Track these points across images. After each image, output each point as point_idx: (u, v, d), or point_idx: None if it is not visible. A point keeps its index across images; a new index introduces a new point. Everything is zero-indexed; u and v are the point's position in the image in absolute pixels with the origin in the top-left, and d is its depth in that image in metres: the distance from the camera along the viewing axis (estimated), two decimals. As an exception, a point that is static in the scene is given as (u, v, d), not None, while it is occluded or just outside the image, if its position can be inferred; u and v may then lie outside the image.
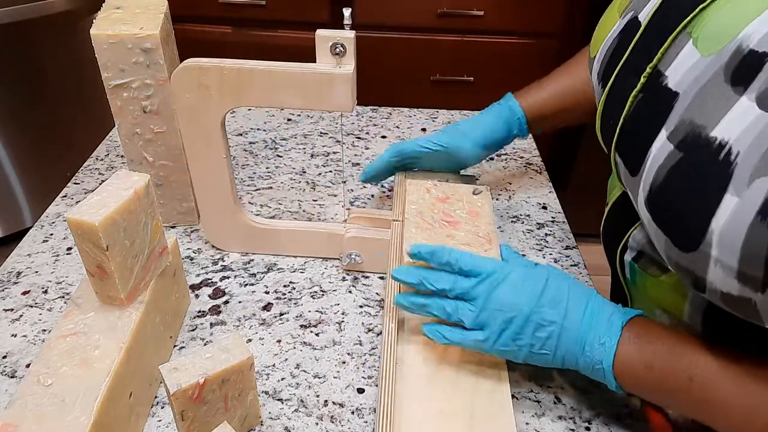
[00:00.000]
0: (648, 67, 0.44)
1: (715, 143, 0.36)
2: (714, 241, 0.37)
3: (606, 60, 0.51)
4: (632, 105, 0.45)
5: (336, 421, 0.54)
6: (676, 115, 0.40)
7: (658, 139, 0.41)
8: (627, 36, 0.48)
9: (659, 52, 0.43)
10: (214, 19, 1.58)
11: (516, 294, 0.50)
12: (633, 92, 0.45)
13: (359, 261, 0.68)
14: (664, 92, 0.42)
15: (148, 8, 0.65)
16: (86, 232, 0.45)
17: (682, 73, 0.41)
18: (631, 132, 0.46)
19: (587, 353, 0.48)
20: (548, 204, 0.84)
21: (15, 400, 0.43)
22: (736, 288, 0.37)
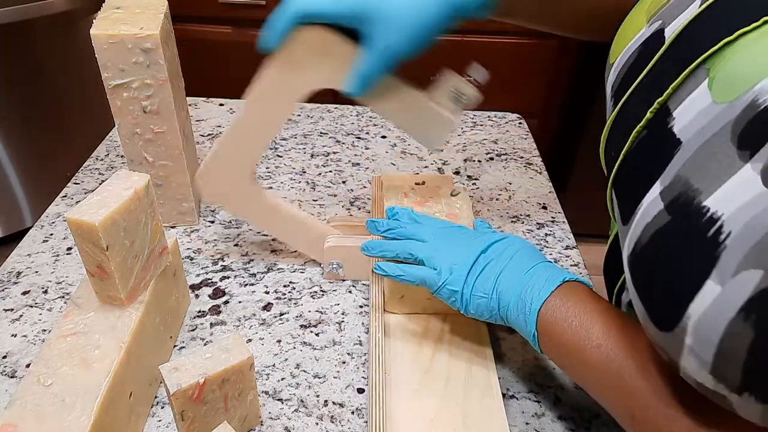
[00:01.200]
0: (656, 102, 0.39)
1: (706, 215, 0.31)
2: (690, 329, 0.32)
3: (623, 73, 0.45)
4: (634, 141, 0.41)
5: (336, 421, 0.54)
6: (673, 168, 0.35)
7: (651, 192, 0.36)
8: (648, 50, 0.43)
9: (671, 86, 0.37)
10: (214, 19, 1.58)
11: (466, 245, 0.52)
12: (637, 127, 0.40)
13: (341, 272, 0.68)
14: (668, 137, 0.37)
15: (148, 8, 0.65)
16: (86, 232, 0.45)
17: (689, 119, 0.35)
18: (629, 173, 0.41)
19: (521, 300, 0.48)
20: (548, 204, 0.84)
21: (15, 400, 0.43)
22: (710, 382, 0.33)
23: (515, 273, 0.50)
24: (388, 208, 0.60)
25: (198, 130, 0.98)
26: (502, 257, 0.51)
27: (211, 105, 1.06)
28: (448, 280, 0.51)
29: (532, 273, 0.49)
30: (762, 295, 0.29)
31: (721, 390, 0.33)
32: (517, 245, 0.53)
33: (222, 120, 1.01)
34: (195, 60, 1.50)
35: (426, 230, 0.56)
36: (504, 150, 0.95)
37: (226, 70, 1.65)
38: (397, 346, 0.56)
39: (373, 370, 0.52)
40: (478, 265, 0.51)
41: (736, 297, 0.30)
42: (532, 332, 0.48)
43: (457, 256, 0.52)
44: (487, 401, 0.51)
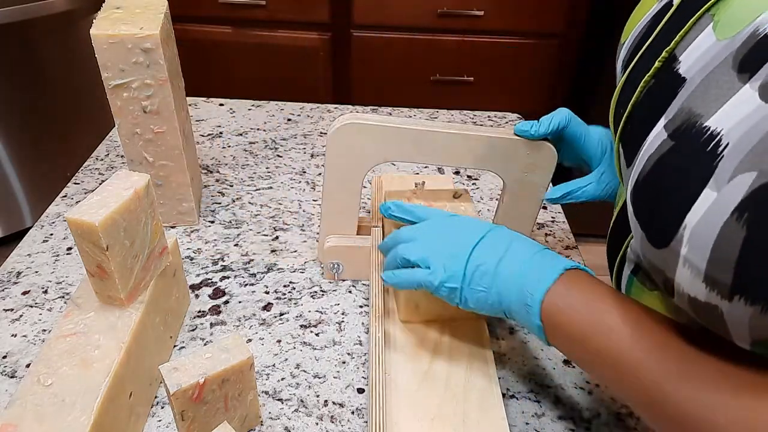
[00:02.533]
0: (665, 51, 0.41)
1: (707, 133, 0.34)
2: (685, 238, 0.34)
3: (633, 45, 0.48)
4: (642, 92, 0.43)
5: (336, 421, 0.54)
6: (677, 102, 0.37)
7: (656, 128, 0.38)
8: (658, 20, 0.45)
9: (678, 35, 0.40)
10: (214, 19, 1.58)
11: (459, 235, 0.51)
12: (645, 77, 0.42)
13: (341, 271, 0.68)
14: (673, 78, 0.39)
15: (148, 8, 0.65)
16: (86, 232, 0.45)
17: (694, 58, 0.38)
18: (636, 120, 0.43)
19: (522, 291, 0.46)
20: (548, 204, 0.84)
21: (15, 400, 0.43)
22: (703, 293, 0.34)
23: (514, 263, 0.48)
24: (381, 206, 0.59)
25: (198, 130, 0.98)
26: (499, 247, 0.50)
27: (211, 105, 1.06)
28: (443, 278, 0.49)
29: (532, 262, 0.48)
30: (755, 195, 0.30)
31: (713, 299, 0.34)
32: (512, 233, 0.52)
33: (222, 120, 1.01)
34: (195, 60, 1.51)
35: (418, 228, 0.55)
36: (504, 150, 0.95)
37: (226, 70, 1.66)
38: (397, 346, 0.56)
39: (373, 370, 0.52)
40: (474, 259, 0.49)
41: (731, 199, 0.31)
42: (536, 324, 0.46)
43: (451, 251, 0.51)
44: (487, 401, 0.51)
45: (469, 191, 0.67)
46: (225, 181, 0.85)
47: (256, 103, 1.06)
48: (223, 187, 0.84)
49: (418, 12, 1.53)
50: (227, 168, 0.88)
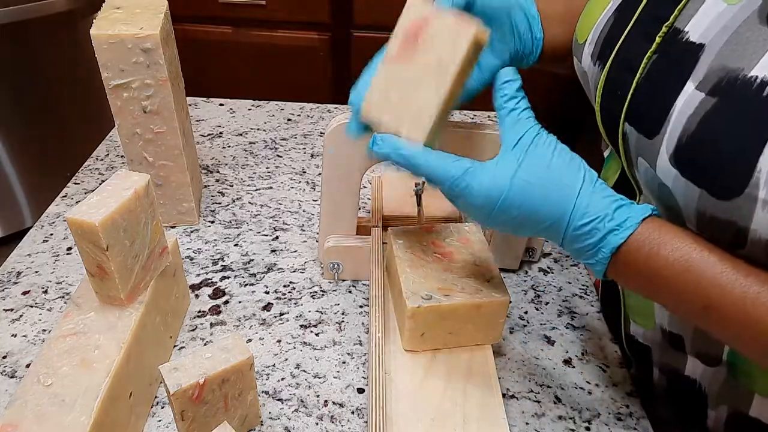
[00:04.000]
0: (664, 26, 0.42)
1: (755, 82, 0.35)
2: (762, 181, 0.34)
3: (603, 37, 0.49)
4: (646, 67, 0.44)
5: (336, 421, 0.54)
6: (704, 65, 0.39)
7: (684, 92, 0.39)
8: (626, 10, 0.47)
9: (676, 9, 0.42)
10: (214, 19, 1.58)
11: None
12: (647, 55, 0.43)
13: (341, 270, 0.68)
14: (686, 47, 0.40)
15: (148, 8, 0.65)
16: (86, 232, 0.45)
17: (706, 26, 0.39)
18: (647, 94, 0.43)
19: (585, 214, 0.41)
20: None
21: (15, 400, 0.43)
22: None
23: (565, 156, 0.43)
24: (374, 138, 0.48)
25: (198, 130, 0.98)
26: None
27: (211, 105, 1.06)
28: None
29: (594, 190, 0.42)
30: None
31: None
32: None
33: (222, 120, 1.01)
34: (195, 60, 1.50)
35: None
36: (504, 150, 0.95)
37: (226, 70, 1.66)
38: (397, 346, 0.56)
39: (373, 370, 0.52)
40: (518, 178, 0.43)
41: None
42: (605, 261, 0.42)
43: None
44: (487, 401, 0.51)
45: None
46: (225, 181, 0.85)
47: (256, 103, 1.06)
48: (223, 187, 0.84)
49: (418, 12, 1.53)
50: (227, 168, 0.88)
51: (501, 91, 0.46)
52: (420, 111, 0.45)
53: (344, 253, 0.66)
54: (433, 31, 0.44)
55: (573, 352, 0.62)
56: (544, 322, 0.65)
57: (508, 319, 0.65)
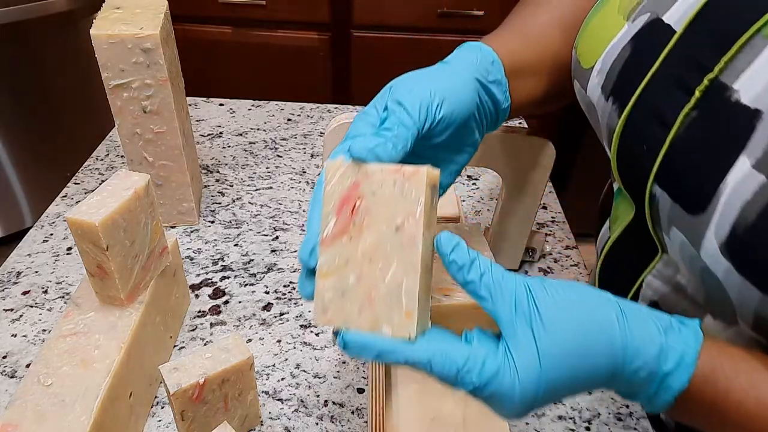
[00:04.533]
0: (705, 78, 0.36)
1: None
2: None
3: (617, 70, 0.43)
4: (682, 125, 0.37)
5: (336, 421, 0.54)
6: (762, 137, 0.33)
7: (738, 169, 0.33)
8: (648, 42, 0.41)
9: (721, 61, 0.35)
10: (214, 19, 1.58)
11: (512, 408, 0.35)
12: (684, 110, 0.37)
13: None
14: (737, 110, 0.34)
15: (148, 8, 0.65)
16: (86, 232, 0.45)
17: (762, 87, 0.33)
18: (686, 159, 0.37)
19: (635, 357, 0.33)
20: (548, 204, 0.84)
21: (15, 400, 0.43)
22: None
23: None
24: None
25: (198, 130, 0.98)
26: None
27: (211, 105, 1.06)
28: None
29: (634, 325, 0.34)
30: None
31: None
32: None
33: (222, 120, 1.01)
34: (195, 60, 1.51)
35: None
36: (504, 150, 0.95)
37: (226, 70, 1.65)
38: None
39: (373, 370, 0.52)
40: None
41: None
42: (668, 403, 0.34)
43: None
44: None
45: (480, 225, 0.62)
46: (225, 181, 0.85)
47: (256, 103, 1.06)
48: (223, 187, 0.84)
49: (418, 12, 1.53)
50: (227, 168, 0.88)
51: (454, 264, 0.35)
52: (396, 298, 0.34)
53: None
54: (372, 194, 0.35)
55: (573, 352, 0.62)
56: (544, 322, 0.65)
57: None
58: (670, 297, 0.43)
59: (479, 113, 0.45)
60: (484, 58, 0.46)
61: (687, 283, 0.43)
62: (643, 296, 0.46)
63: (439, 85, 0.41)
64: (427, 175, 0.34)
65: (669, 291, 0.43)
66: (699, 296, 0.42)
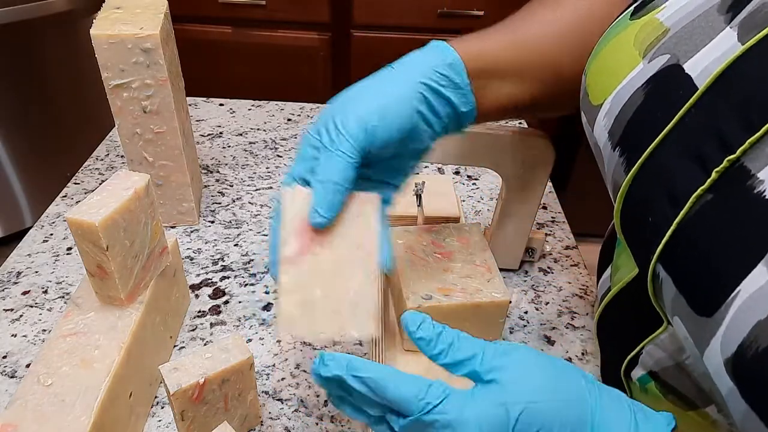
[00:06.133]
0: (725, 160, 0.30)
1: None
2: None
3: (627, 118, 0.38)
4: (694, 206, 0.32)
5: (336, 421, 0.54)
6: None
7: (754, 277, 0.28)
8: (664, 93, 0.36)
9: (747, 142, 0.29)
10: (214, 19, 1.58)
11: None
12: (697, 191, 0.32)
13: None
14: (760, 204, 0.28)
15: (148, 8, 0.65)
16: (86, 232, 0.45)
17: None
18: (694, 249, 0.32)
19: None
20: (548, 204, 0.84)
21: (15, 400, 0.43)
22: None
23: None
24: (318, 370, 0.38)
25: (198, 130, 0.98)
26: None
27: (211, 105, 1.06)
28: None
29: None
30: None
31: None
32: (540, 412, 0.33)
33: (222, 120, 1.01)
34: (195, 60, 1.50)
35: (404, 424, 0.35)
36: (504, 150, 0.95)
37: (226, 70, 1.65)
38: (397, 346, 0.56)
39: None
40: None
41: None
42: None
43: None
44: None
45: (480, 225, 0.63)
46: (225, 181, 0.85)
47: (256, 103, 1.06)
48: (223, 187, 0.84)
49: (418, 12, 1.53)
50: (227, 168, 0.88)
51: (422, 340, 0.36)
52: (358, 302, 0.39)
53: None
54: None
55: (573, 352, 0.62)
56: (544, 322, 0.65)
57: (508, 319, 0.65)
58: (673, 373, 0.40)
59: (426, 121, 0.44)
60: (439, 59, 0.44)
61: (693, 369, 0.39)
62: (643, 363, 0.42)
63: (375, 102, 0.42)
64: (377, 202, 0.41)
65: (672, 367, 0.40)
66: (705, 386, 0.39)
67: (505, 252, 0.69)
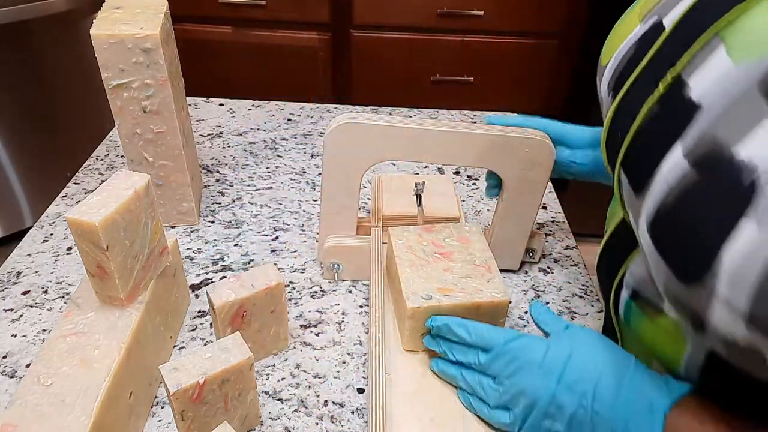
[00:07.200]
0: (669, 72, 0.38)
1: (738, 163, 0.32)
2: (721, 273, 0.31)
3: (620, 68, 0.46)
4: (646, 116, 0.40)
5: (336, 421, 0.54)
6: (696, 129, 0.35)
7: (671, 155, 0.36)
8: (647, 42, 0.43)
9: (684, 55, 0.38)
10: (214, 19, 1.58)
11: (533, 377, 0.45)
12: (648, 102, 0.40)
13: (341, 271, 0.68)
14: (685, 104, 0.37)
15: (148, 8, 0.65)
16: (86, 232, 0.45)
17: (708, 84, 0.35)
18: (641, 146, 0.41)
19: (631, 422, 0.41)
20: (548, 204, 0.84)
21: (15, 400, 0.43)
22: (743, 335, 0.32)
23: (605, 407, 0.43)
24: (432, 321, 0.53)
25: (198, 130, 0.98)
26: (581, 386, 0.44)
27: (211, 105, 1.06)
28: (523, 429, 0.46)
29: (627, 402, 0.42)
30: None
31: (756, 341, 0.31)
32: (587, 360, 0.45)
33: (222, 120, 1.01)
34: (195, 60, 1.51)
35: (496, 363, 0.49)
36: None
37: (226, 70, 1.65)
38: (397, 346, 0.56)
39: (373, 370, 0.52)
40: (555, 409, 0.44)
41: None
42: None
43: (532, 397, 0.45)
44: None
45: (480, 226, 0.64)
46: (225, 181, 0.85)
47: (256, 103, 1.06)
48: (223, 187, 0.84)
49: (418, 12, 1.53)
50: (227, 168, 0.88)
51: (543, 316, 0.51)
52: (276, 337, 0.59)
53: (344, 253, 0.66)
54: (253, 305, 0.55)
55: (573, 352, 0.62)
56: (544, 322, 0.65)
57: (508, 319, 0.65)
58: (647, 284, 0.46)
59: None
60: None
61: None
62: (626, 284, 0.48)
63: None
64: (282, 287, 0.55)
65: (647, 277, 0.45)
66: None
67: (506, 252, 0.69)
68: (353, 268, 0.67)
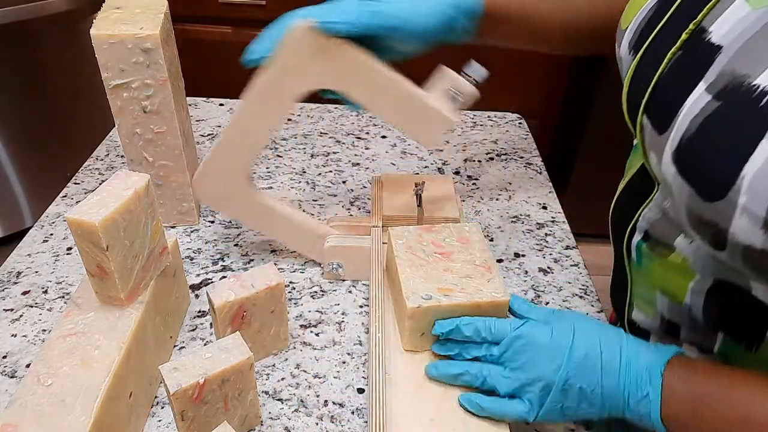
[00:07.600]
0: (691, 23, 0.43)
1: (756, 90, 0.36)
2: (743, 187, 0.36)
3: (641, 28, 0.50)
4: (669, 63, 0.45)
5: (336, 421, 0.54)
6: (717, 66, 0.40)
7: (695, 92, 0.40)
8: (667, 3, 0.47)
9: (705, 8, 0.42)
10: (214, 19, 1.58)
11: (545, 360, 0.47)
12: (671, 50, 0.44)
13: (341, 272, 0.68)
14: (706, 47, 0.41)
15: (148, 8, 0.65)
16: (86, 232, 0.45)
17: (728, 28, 0.40)
18: (664, 89, 0.45)
19: (632, 407, 0.45)
20: (548, 204, 0.84)
21: (15, 400, 0.43)
22: (760, 239, 0.36)
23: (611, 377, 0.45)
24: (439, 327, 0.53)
25: (198, 130, 0.98)
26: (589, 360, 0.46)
27: (211, 105, 1.06)
28: (540, 414, 0.47)
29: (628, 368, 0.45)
30: None
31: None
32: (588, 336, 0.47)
33: (222, 120, 1.01)
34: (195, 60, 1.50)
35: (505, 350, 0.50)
36: (504, 150, 0.95)
37: (226, 70, 1.65)
38: (397, 346, 0.56)
39: (373, 370, 0.52)
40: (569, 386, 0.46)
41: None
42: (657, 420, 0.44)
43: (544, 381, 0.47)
44: None
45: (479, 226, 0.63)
46: (225, 181, 0.85)
47: (256, 103, 1.06)
48: (223, 187, 0.84)
49: (418, 12, 1.53)
50: (227, 168, 0.88)
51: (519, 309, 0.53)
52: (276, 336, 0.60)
53: (344, 253, 0.66)
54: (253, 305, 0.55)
55: (573, 352, 0.62)
56: (544, 322, 0.65)
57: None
58: (659, 223, 0.50)
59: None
60: None
61: (669, 206, 0.49)
62: (639, 228, 0.53)
63: None
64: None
65: (659, 218, 0.50)
66: (672, 214, 0.49)
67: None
68: (353, 268, 0.67)
